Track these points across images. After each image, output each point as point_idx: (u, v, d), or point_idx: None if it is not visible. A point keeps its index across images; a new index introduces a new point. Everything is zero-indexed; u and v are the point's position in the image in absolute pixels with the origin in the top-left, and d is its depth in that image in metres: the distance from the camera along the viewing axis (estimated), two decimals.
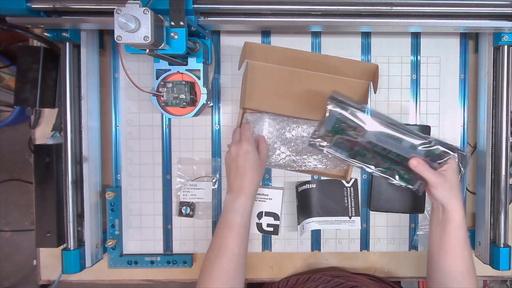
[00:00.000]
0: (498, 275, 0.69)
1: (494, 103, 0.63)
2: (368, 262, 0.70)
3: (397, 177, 0.60)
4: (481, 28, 0.59)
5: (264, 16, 0.58)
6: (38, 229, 0.63)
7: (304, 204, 0.66)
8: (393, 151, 0.59)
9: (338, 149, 0.61)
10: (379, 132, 0.58)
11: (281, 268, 0.70)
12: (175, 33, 0.49)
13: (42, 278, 0.69)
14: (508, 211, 0.63)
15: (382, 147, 0.59)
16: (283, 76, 0.64)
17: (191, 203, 0.68)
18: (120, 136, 0.67)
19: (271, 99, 0.65)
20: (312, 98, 0.65)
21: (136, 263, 0.67)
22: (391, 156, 0.59)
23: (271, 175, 0.68)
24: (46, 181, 0.63)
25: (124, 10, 0.43)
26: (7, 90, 1.26)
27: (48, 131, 0.67)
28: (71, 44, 0.60)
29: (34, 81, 0.62)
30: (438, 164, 0.58)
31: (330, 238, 0.69)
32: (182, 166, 0.68)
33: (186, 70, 0.58)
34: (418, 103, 0.67)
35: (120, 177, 0.68)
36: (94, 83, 0.65)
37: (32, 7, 0.54)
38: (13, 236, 1.50)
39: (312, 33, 0.67)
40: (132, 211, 0.68)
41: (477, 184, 0.67)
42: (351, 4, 0.56)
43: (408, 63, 0.67)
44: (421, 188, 0.60)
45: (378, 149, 0.59)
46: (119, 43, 0.44)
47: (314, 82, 0.64)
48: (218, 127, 0.68)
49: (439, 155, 0.57)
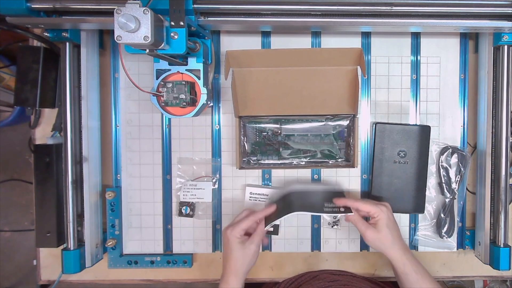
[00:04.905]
0: (498, 275, 0.69)
1: (494, 103, 0.63)
2: (368, 262, 0.70)
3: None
4: (481, 28, 0.59)
5: (264, 16, 0.58)
6: (38, 229, 0.63)
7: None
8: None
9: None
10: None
11: (281, 268, 0.70)
12: (175, 33, 0.49)
13: (42, 278, 0.70)
14: (508, 211, 0.63)
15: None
16: (271, 77, 0.64)
17: (191, 203, 0.68)
18: (120, 136, 0.67)
19: (265, 103, 0.65)
20: (306, 93, 0.65)
21: (136, 263, 0.67)
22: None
23: (271, 175, 0.68)
24: (46, 181, 0.63)
25: (124, 10, 0.43)
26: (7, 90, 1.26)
27: (48, 131, 0.67)
28: (71, 44, 0.60)
29: (34, 81, 0.62)
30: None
31: (330, 238, 0.69)
32: (182, 166, 0.68)
33: (186, 70, 0.58)
34: (418, 103, 0.67)
35: (120, 177, 0.68)
36: (94, 83, 0.65)
37: (32, 7, 0.54)
38: (13, 236, 1.50)
39: (312, 33, 0.67)
40: (132, 211, 0.68)
41: (477, 184, 0.67)
42: (351, 4, 0.56)
43: (408, 63, 0.67)
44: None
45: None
46: (119, 43, 0.44)
47: (303, 77, 0.64)
48: (218, 127, 0.68)
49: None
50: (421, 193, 0.66)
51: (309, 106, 0.65)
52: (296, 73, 0.64)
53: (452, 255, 0.70)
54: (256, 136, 0.67)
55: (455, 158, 0.67)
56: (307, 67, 0.63)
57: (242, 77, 0.64)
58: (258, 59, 0.63)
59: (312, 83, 0.64)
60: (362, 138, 0.68)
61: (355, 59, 0.61)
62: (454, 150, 0.67)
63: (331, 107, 0.65)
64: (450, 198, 0.67)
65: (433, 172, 0.68)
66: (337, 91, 0.65)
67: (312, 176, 0.68)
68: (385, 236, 0.57)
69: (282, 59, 0.63)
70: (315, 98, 0.65)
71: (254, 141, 0.67)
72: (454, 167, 0.67)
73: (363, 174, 0.68)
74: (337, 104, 0.65)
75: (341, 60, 0.62)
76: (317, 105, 0.65)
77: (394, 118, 0.67)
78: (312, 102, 0.65)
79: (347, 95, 0.64)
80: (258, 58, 0.63)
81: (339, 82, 0.64)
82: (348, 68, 0.63)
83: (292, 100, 0.65)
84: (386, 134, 0.66)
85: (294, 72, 0.64)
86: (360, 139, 0.67)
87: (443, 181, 0.67)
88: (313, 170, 0.68)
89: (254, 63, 0.63)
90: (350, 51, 0.61)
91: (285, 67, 0.63)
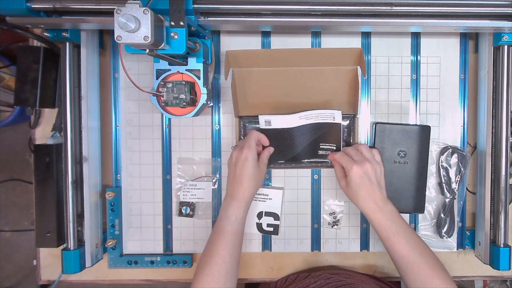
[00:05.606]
0: (498, 275, 0.69)
1: (494, 103, 0.63)
2: (368, 262, 0.70)
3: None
4: (481, 28, 0.59)
5: (264, 16, 0.58)
6: (38, 229, 0.63)
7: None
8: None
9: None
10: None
11: (281, 268, 0.70)
12: (175, 33, 0.49)
13: (42, 278, 0.70)
14: (508, 211, 0.63)
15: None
16: (271, 77, 0.64)
17: (191, 203, 0.68)
18: (120, 136, 0.67)
19: (265, 103, 0.65)
20: (307, 93, 0.65)
21: (136, 263, 0.67)
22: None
23: (271, 175, 0.68)
24: (46, 181, 0.63)
25: (124, 10, 0.43)
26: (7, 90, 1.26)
27: (48, 131, 0.67)
28: (71, 44, 0.60)
29: (34, 81, 0.62)
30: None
31: (330, 238, 0.69)
32: (182, 166, 0.68)
33: (186, 70, 0.58)
34: (418, 103, 0.67)
35: (120, 177, 0.68)
36: (94, 83, 0.65)
37: (32, 7, 0.54)
38: (13, 236, 1.50)
39: (312, 33, 0.67)
40: (132, 211, 0.68)
41: (477, 184, 0.67)
42: (351, 4, 0.56)
43: (408, 63, 0.67)
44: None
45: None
46: (119, 43, 0.44)
47: (303, 77, 0.64)
48: (218, 127, 0.68)
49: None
50: (421, 193, 0.66)
51: (309, 106, 0.65)
52: (296, 73, 0.64)
53: (452, 255, 0.70)
54: None
55: (455, 158, 0.67)
56: (307, 67, 0.63)
57: (242, 77, 0.64)
58: (258, 59, 0.63)
59: (312, 83, 0.64)
60: (362, 138, 0.68)
61: (355, 59, 0.61)
62: (454, 150, 0.67)
63: (331, 107, 0.65)
64: (450, 198, 0.67)
65: (433, 172, 0.68)
66: (337, 91, 0.65)
67: (312, 176, 0.68)
68: (353, 193, 0.57)
69: (282, 59, 0.63)
70: (315, 98, 0.65)
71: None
72: (454, 167, 0.67)
73: None
74: (337, 104, 0.65)
75: (341, 60, 0.62)
76: (317, 105, 0.65)
77: (394, 118, 0.67)
78: (312, 102, 0.65)
79: (347, 95, 0.64)
80: (258, 58, 0.63)
81: (339, 82, 0.64)
82: (348, 68, 0.63)
83: (292, 100, 0.65)
84: (386, 134, 0.66)
85: (294, 72, 0.64)
86: (360, 139, 0.67)
87: (443, 181, 0.67)
88: (313, 170, 0.68)
89: (254, 63, 0.63)
90: (350, 51, 0.61)
91: (285, 67, 0.63)
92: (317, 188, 0.68)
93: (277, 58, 0.63)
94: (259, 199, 0.67)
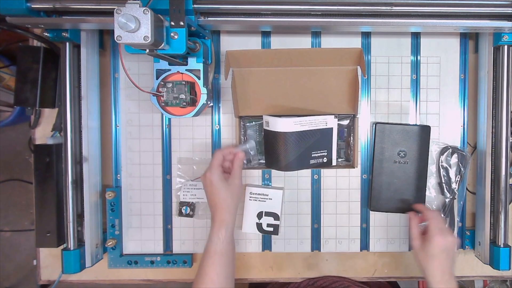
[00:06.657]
0: (498, 275, 0.69)
1: (494, 103, 0.63)
2: (368, 262, 0.70)
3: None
4: (481, 28, 0.59)
5: (264, 16, 0.58)
6: (38, 229, 0.63)
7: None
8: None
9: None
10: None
11: (281, 268, 0.70)
12: (175, 33, 0.49)
13: (42, 278, 0.70)
14: (508, 211, 0.63)
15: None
16: (271, 77, 0.64)
17: (191, 203, 0.68)
18: (120, 136, 0.67)
19: (265, 103, 0.65)
20: (306, 93, 0.65)
21: (136, 263, 0.67)
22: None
23: (271, 175, 0.68)
24: (46, 181, 0.63)
25: (124, 10, 0.43)
26: (7, 90, 1.26)
27: (48, 131, 0.67)
28: (71, 44, 0.60)
29: (34, 81, 0.62)
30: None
31: (330, 238, 0.69)
32: (182, 166, 0.68)
33: (186, 70, 0.58)
34: (418, 103, 0.67)
35: (120, 177, 0.68)
36: (94, 83, 0.65)
37: (32, 7, 0.54)
38: (13, 236, 1.50)
39: (312, 33, 0.67)
40: (132, 211, 0.68)
41: (477, 184, 0.67)
42: (351, 4, 0.56)
43: (408, 63, 0.67)
44: None
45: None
46: (119, 43, 0.44)
47: (303, 77, 0.64)
48: (218, 127, 0.68)
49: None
50: (421, 193, 0.66)
51: (309, 106, 0.65)
52: (296, 73, 0.64)
53: None
54: (256, 136, 0.67)
55: (455, 158, 0.67)
56: (307, 67, 0.63)
57: (242, 77, 0.64)
58: (258, 59, 0.63)
59: (312, 83, 0.64)
60: (362, 138, 0.68)
61: (355, 59, 0.61)
62: (454, 150, 0.67)
63: (331, 107, 0.65)
64: (450, 198, 0.67)
65: (433, 172, 0.68)
66: (337, 91, 0.65)
67: (312, 176, 0.68)
68: (425, 259, 0.57)
69: (282, 59, 0.63)
70: (315, 98, 0.65)
71: (254, 141, 0.67)
72: (454, 167, 0.67)
73: (363, 174, 0.68)
74: (337, 104, 0.65)
75: (341, 60, 0.62)
76: (317, 105, 0.65)
77: (394, 118, 0.67)
78: (312, 102, 0.65)
79: (347, 95, 0.64)
80: (258, 58, 0.63)
81: (339, 82, 0.64)
82: (348, 68, 0.63)
83: (292, 100, 0.65)
84: (386, 134, 0.66)
85: (294, 72, 0.64)
86: (360, 139, 0.67)
87: (443, 181, 0.67)
88: (313, 170, 0.68)
89: (254, 63, 0.63)
90: (350, 51, 0.61)
91: (285, 67, 0.63)
92: (317, 188, 0.68)
93: (277, 58, 0.63)
94: (259, 199, 0.67)
